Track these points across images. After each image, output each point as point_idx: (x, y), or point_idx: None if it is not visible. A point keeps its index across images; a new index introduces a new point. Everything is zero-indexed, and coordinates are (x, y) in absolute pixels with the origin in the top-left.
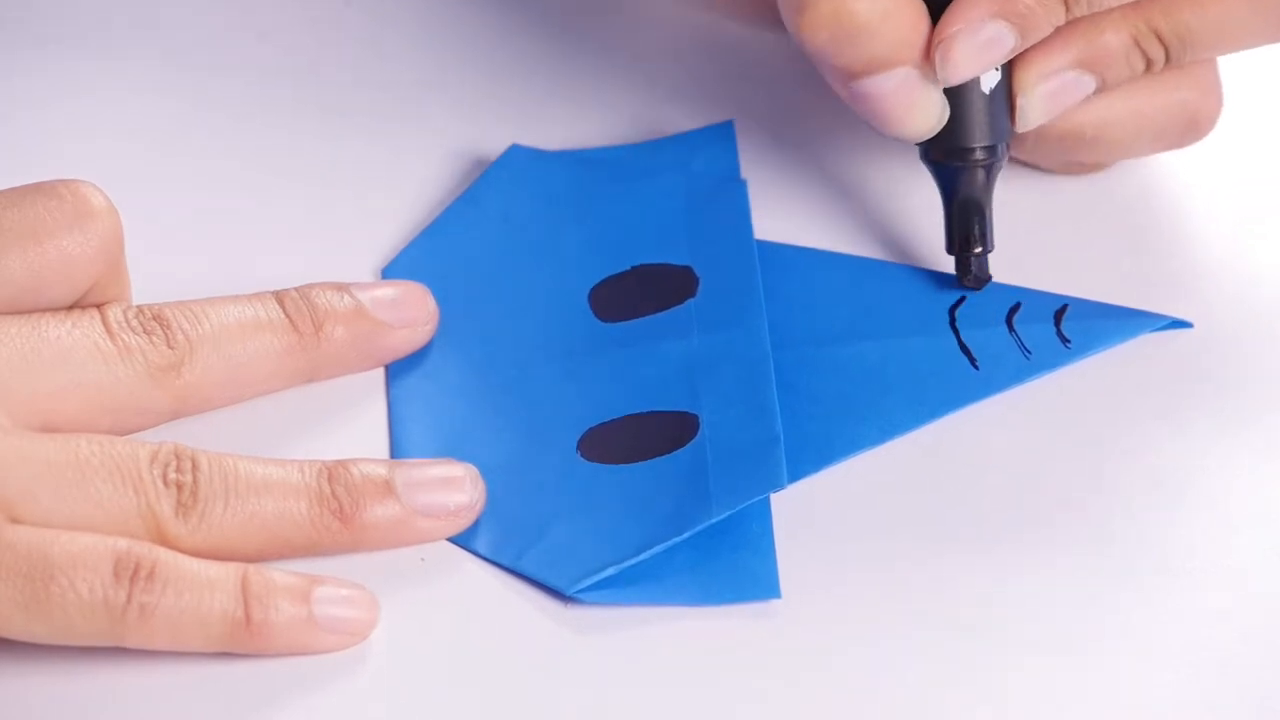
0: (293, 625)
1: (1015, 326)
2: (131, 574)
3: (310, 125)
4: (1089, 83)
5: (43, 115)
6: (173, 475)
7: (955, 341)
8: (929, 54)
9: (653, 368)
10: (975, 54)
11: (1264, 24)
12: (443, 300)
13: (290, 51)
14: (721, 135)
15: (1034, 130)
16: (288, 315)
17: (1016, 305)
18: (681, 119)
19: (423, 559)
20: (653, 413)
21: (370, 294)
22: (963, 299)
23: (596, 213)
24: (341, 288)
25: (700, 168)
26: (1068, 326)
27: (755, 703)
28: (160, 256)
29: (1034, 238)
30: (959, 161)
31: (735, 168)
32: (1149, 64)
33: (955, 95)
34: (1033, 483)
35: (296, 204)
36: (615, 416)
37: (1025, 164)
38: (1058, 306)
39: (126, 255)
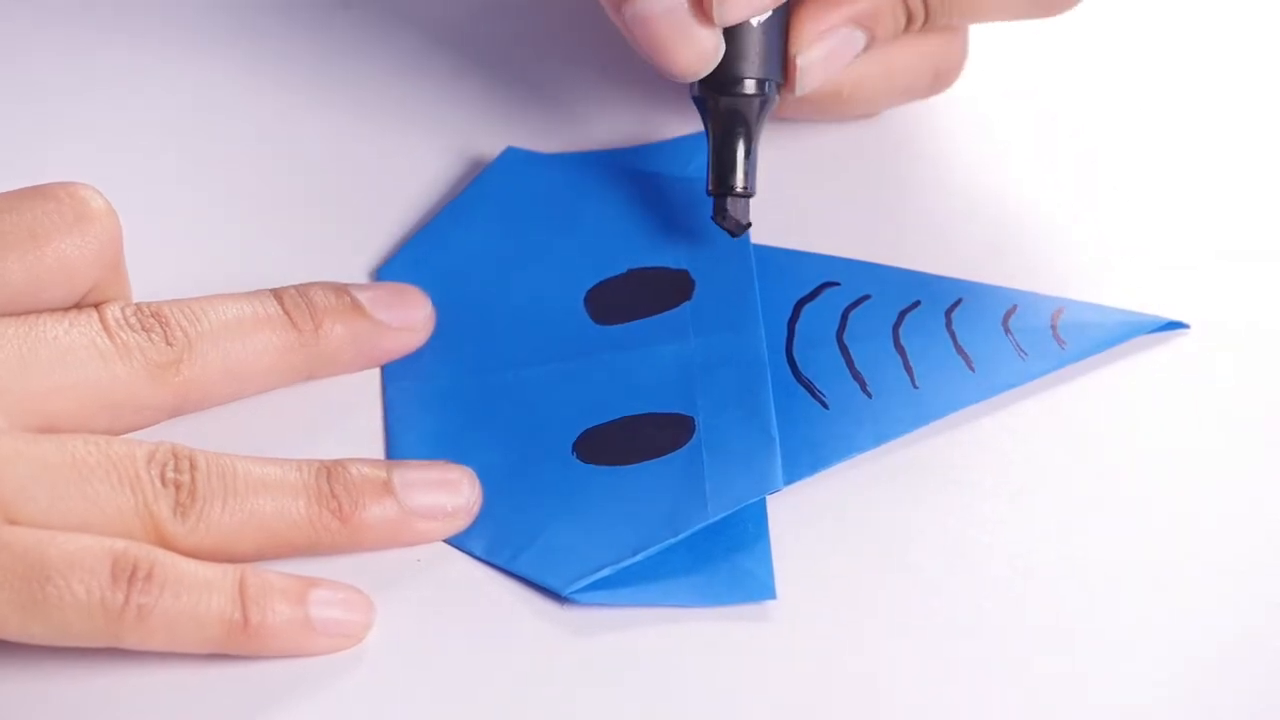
0: (289, 627)
1: (1011, 328)
2: (129, 575)
3: (306, 127)
4: (860, 39)
5: (41, 116)
6: (170, 475)
7: (951, 343)
8: None
9: (649, 370)
10: None
11: None
12: (438, 302)
13: (287, 53)
14: None
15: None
16: (286, 312)
17: (1013, 307)
18: (679, 123)
19: (418, 560)
20: (649, 414)
21: (368, 294)
22: (959, 301)
23: (592, 215)
24: (339, 287)
25: (697, 171)
26: (1064, 328)
27: (751, 703)
28: (159, 256)
29: (1030, 240)
30: (726, 94)
31: None
32: (910, 20)
33: (727, 28)
34: (1029, 484)
35: (292, 205)
36: (611, 418)
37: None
38: (1054, 308)
39: (125, 255)
